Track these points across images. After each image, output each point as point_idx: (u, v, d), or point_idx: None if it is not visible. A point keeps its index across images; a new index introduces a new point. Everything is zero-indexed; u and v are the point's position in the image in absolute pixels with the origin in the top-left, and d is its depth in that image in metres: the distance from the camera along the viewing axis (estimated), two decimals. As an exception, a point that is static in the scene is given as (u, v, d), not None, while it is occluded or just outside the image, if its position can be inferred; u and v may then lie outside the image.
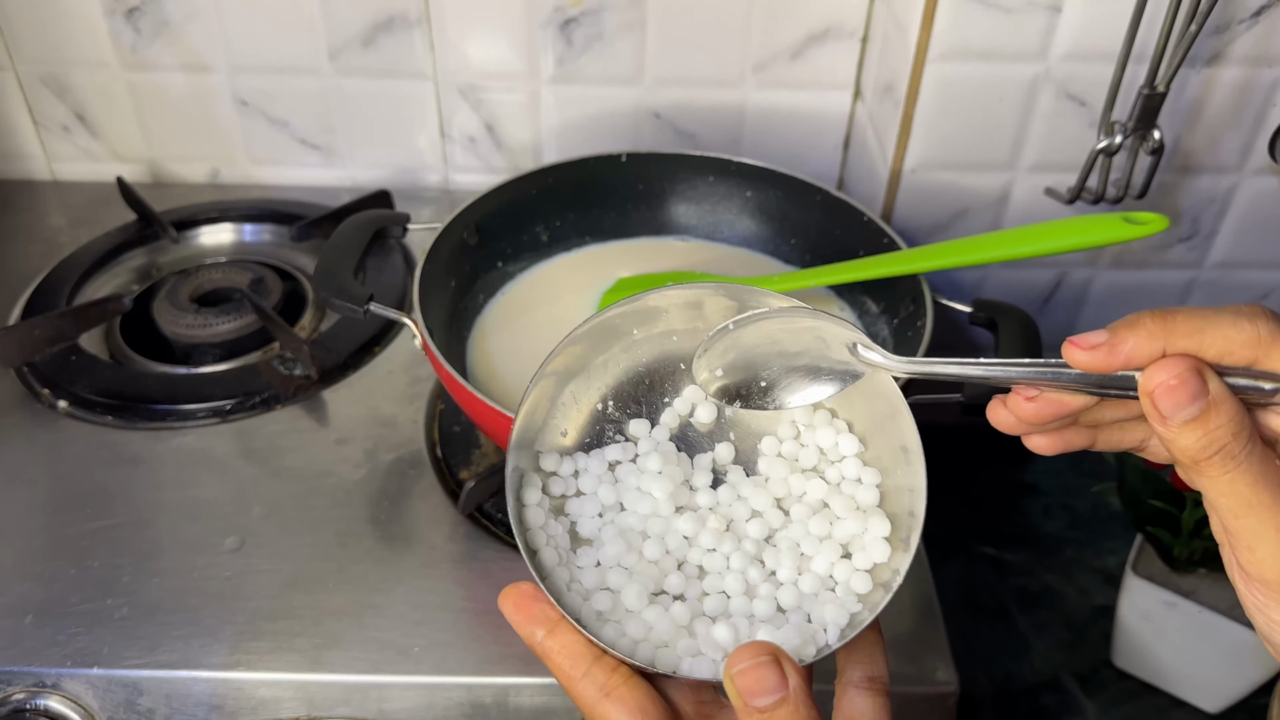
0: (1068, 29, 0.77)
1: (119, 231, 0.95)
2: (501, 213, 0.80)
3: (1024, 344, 0.64)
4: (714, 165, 0.85)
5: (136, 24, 0.94)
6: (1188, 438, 0.36)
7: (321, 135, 1.02)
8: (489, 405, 0.60)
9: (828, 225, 0.81)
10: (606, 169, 0.84)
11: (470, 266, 0.79)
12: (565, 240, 0.85)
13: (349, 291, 0.68)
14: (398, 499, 0.71)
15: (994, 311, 0.67)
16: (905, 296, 0.72)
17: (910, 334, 0.70)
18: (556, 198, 0.84)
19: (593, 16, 0.93)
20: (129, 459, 0.74)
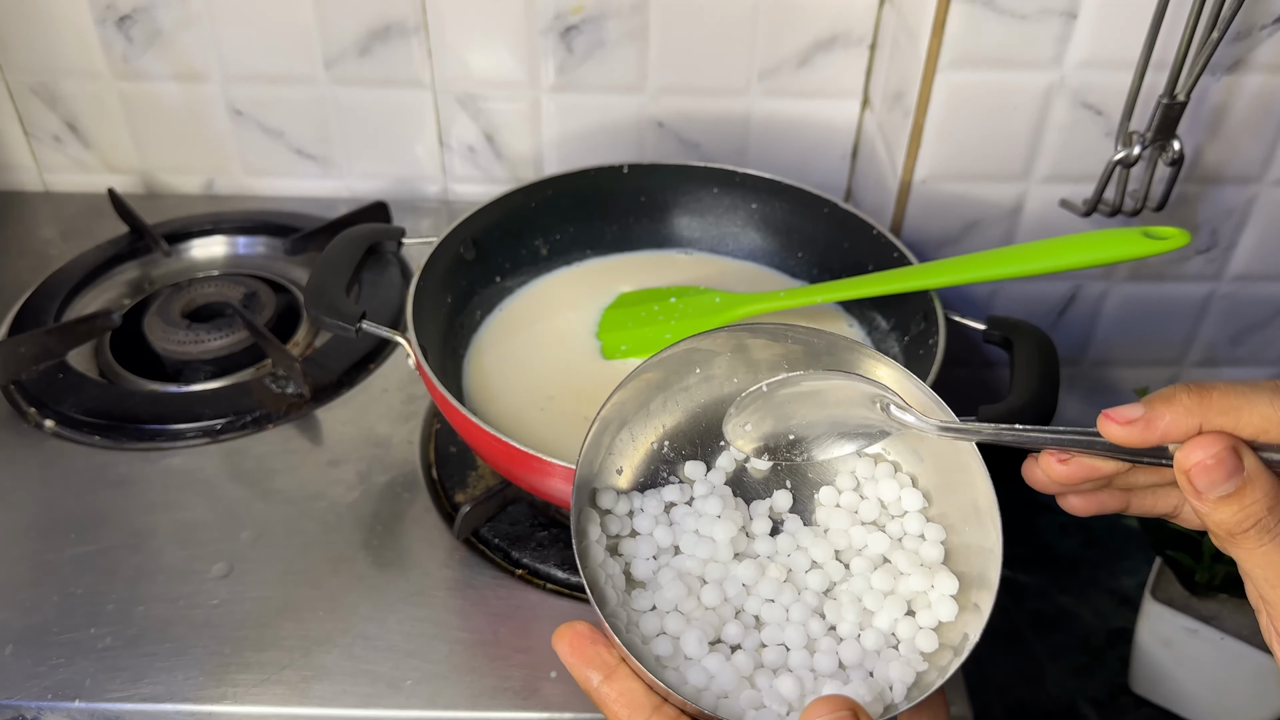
0: (1083, 36, 0.75)
1: (110, 244, 0.93)
2: (499, 226, 0.78)
3: (1041, 365, 0.61)
4: (718, 176, 0.82)
5: (128, 32, 0.92)
6: (1223, 513, 0.36)
7: (318, 145, 0.99)
8: (485, 430, 0.58)
9: (836, 238, 0.79)
10: (608, 180, 0.82)
11: (467, 282, 0.77)
12: (565, 254, 0.83)
13: (340, 309, 0.66)
14: (391, 523, 0.69)
15: (1009, 330, 0.64)
16: (916, 313, 0.70)
17: (922, 352, 0.67)
18: (556, 210, 0.81)
19: (594, 24, 0.91)
20: (116, 481, 0.72)
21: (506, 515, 0.69)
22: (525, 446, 0.56)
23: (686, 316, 0.74)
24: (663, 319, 0.75)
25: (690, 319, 0.74)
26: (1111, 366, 0.96)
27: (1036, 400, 0.58)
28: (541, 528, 0.68)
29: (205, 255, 0.95)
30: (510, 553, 0.67)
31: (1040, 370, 0.60)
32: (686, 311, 0.75)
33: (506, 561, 0.67)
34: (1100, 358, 0.95)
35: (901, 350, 0.72)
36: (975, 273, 0.66)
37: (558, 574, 0.66)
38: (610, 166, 0.81)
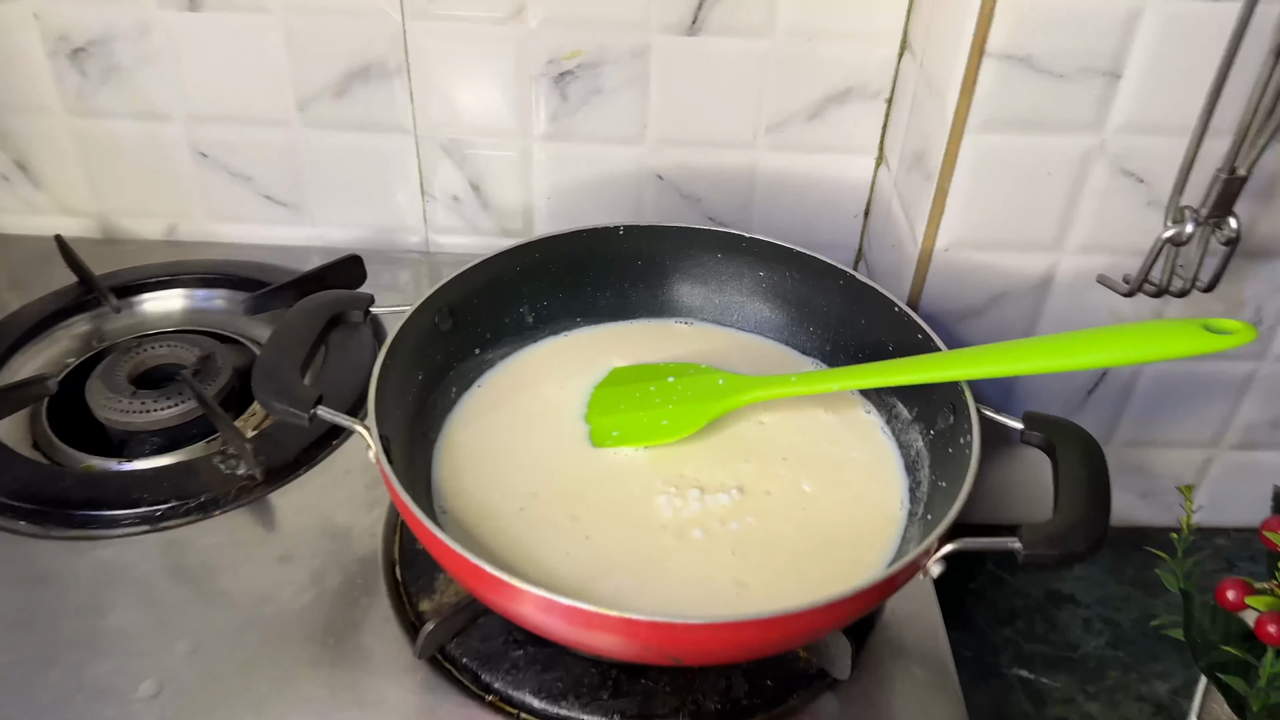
0: (1127, 98, 0.68)
1: (55, 296, 0.85)
2: (480, 293, 0.71)
3: (1088, 473, 0.53)
4: (723, 240, 0.75)
5: (82, 67, 0.85)
6: None
7: (289, 191, 0.92)
8: (450, 547, 0.50)
9: (851, 313, 0.72)
10: (602, 242, 0.75)
11: (442, 356, 0.69)
12: (554, 322, 0.75)
13: (291, 394, 0.59)
14: (345, 635, 0.61)
15: (1051, 431, 0.57)
16: (943, 404, 0.62)
17: (951, 450, 0.60)
18: (545, 275, 0.74)
19: (591, 70, 0.84)
20: (36, 576, 0.64)
21: (477, 629, 0.61)
22: (495, 570, 0.49)
23: (685, 401, 0.67)
24: (659, 402, 0.68)
25: (690, 403, 0.66)
26: (1142, 448, 0.89)
27: (1085, 521, 0.51)
28: (517, 645, 0.60)
29: (159, 310, 0.88)
30: (480, 675, 0.59)
31: (1089, 485, 0.53)
32: (685, 395, 0.67)
33: (476, 685, 0.59)
34: (1131, 438, 0.88)
35: (926, 445, 0.64)
36: (1013, 364, 0.59)
37: (534, 703, 0.58)
38: (605, 228, 0.74)
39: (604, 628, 0.48)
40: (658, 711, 0.58)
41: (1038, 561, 0.50)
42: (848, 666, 0.59)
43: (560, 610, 0.48)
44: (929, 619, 0.65)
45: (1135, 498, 0.93)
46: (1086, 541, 0.51)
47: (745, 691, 0.59)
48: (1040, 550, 0.50)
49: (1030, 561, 0.50)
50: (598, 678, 0.59)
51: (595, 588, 0.56)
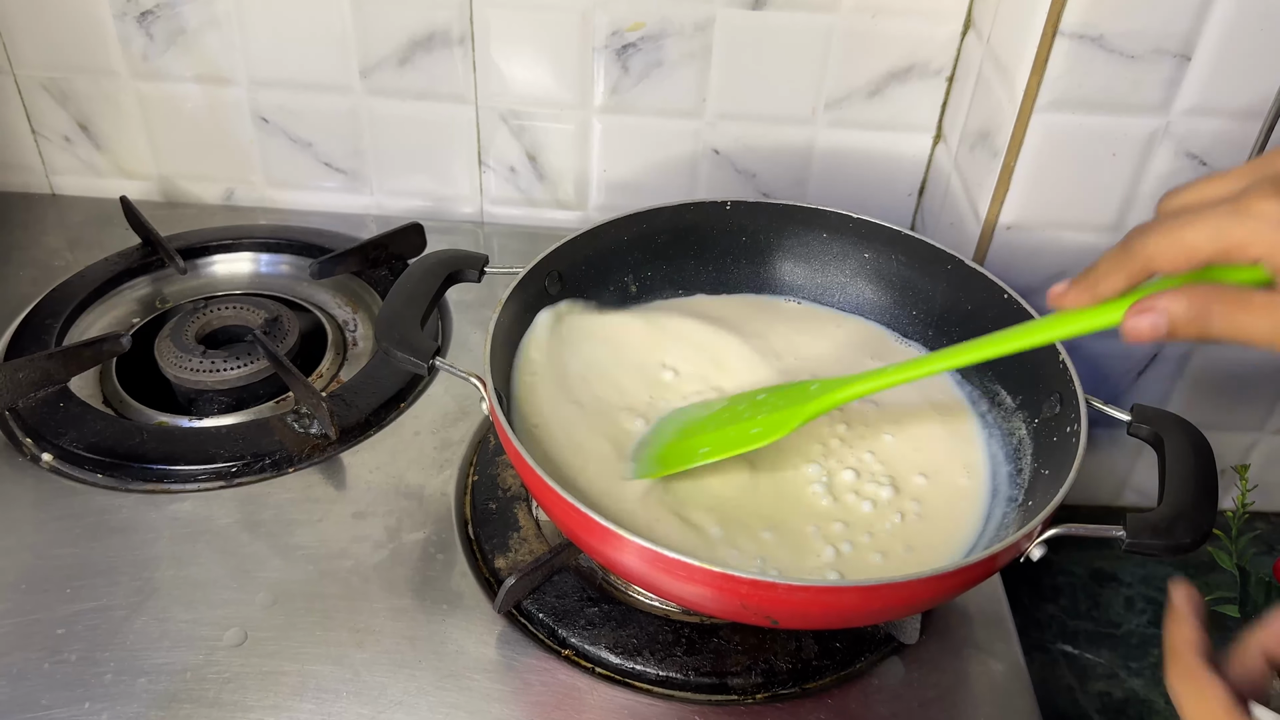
0: (1195, 81, 0.69)
1: (120, 257, 0.86)
2: (588, 260, 0.72)
3: (1195, 465, 0.54)
4: (829, 220, 0.75)
5: (149, 29, 0.86)
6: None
7: (348, 159, 0.93)
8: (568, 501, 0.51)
9: (957, 299, 0.71)
10: (708, 217, 0.75)
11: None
12: (655, 293, 0.76)
13: (413, 343, 0.61)
14: (423, 590, 0.62)
15: (1159, 424, 0.57)
16: (1049, 393, 0.62)
17: (1056, 439, 0.60)
18: (650, 245, 0.74)
19: (653, 42, 0.84)
20: (118, 527, 0.65)
21: (552, 586, 0.62)
22: (614, 526, 0.49)
23: (777, 409, 0.62)
24: (748, 417, 0.63)
25: (781, 410, 0.62)
26: (1189, 430, 0.89)
27: (1192, 512, 0.51)
28: (591, 602, 0.61)
29: (224, 273, 0.89)
30: (556, 630, 0.60)
31: (1197, 478, 0.53)
32: (777, 404, 0.63)
33: (552, 640, 0.60)
34: (1178, 421, 0.88)
35: (1030, 434, 0.64)
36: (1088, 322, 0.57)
37: (610, 658, 0.59)
38: (712, 202, 0.74)
39: (709, 583, 0.48)
40: (731, 669, 0.59)
41: (1142, 551, 0.50)
42: (916, 632, 0.60)
43: (669, 564, 0.49)
44: (992, 589, 0.66)
45: (1178, 480, 0.94)
46: (1192, 534, 0.51)
47: (815, 653, 0.60)
48: (1145, 539, 0.49)
49: (1134, 550, 0.50)
50: (671, 635, 0.60)
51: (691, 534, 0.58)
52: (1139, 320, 0.42)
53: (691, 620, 0.61)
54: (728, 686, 0.58)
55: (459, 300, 0.85)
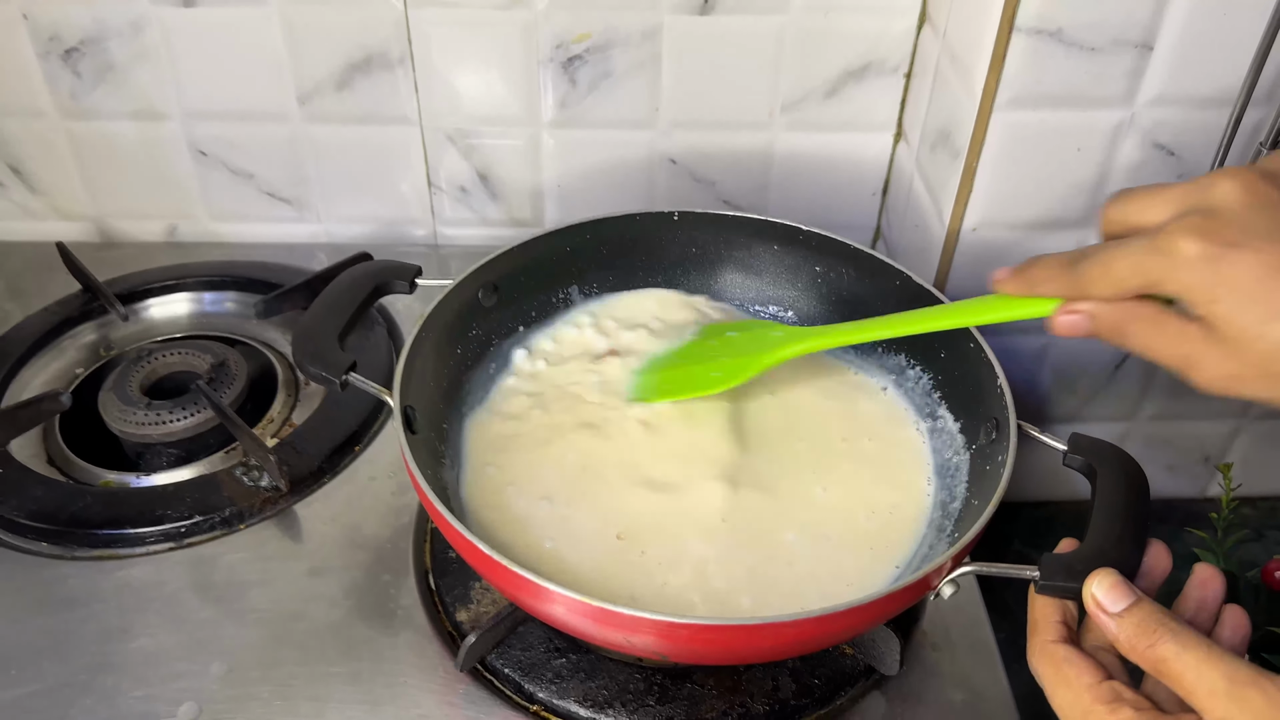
0: (1159, 70, 0.67)
1: (60, 306, 0.83)
2: (527, 271, 0.69)
3: (1127, 498, 0.51)
4: (779, 232, 0.72)
5: (75, 67, 0.82)
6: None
7: (292, 187, 0.90)
8: (480, 549, 0.49)
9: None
10: (655, 227, 0.72)
11: (482, 331, 0.68)
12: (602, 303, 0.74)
13: (326, 358, 0.58)
14: (383, 651, 0.60)
15: (1094, 455, 0.54)
16: (987, 418, 0.60)
17: (989, 468, 0.58)
18: (595, 256, 0.72)
19: (600, 53, 0.81)
20: (65, 598, 0.62)
21: (518, 638, 0.59)
22: (532, 575, 0.47)
23: (740, 353, 0.64)
24: (715, 356, 0.65)
25: (744, 355, 0.64)
26: (1169, 421, 0.88)
27: (1113, 553, 0.47)
28: (559, 653, 0.59)
29: (168, 315, 0.85)
30: (523, 685, 0.58)
31: (1125, 516, 0.50)
32: (742, 347, 0.65)
33: (519, 695, 0.58)
34: (1158, 412, 0.87)
35: (966, 460, 0.61)
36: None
37: (579, 712, 0.56)
38: (660, 213, 0.72)
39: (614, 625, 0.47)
40: (705, 715, 0.57)
41: (1056, 594, 0.47)
42: (896, 663, 0.58)
43: (574, 607, 0.47)
44: (973, 611, 0.64)
45: (1162, 471, 0.92)
46: (1118, 567, 0.46)
47: (793, 691, 0.58)
48: (1059, 581, 0.46)
49: (1046, 594, 0.47)
50: (643, 684, 0.58)
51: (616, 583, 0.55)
52: (1067, 318, 0.47)
53: (663, 667, 0.58)
54: (703, 734, 0.56)
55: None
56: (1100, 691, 0.43)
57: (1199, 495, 0.95)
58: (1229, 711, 0.39)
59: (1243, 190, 0.42)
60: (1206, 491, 0.94)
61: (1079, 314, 0.47)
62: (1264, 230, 0.41)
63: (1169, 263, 0.42)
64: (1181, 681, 0.41)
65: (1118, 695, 0.43)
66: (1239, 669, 0.40)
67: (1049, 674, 0.45)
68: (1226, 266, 0.41)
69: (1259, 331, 0.41)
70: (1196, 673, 0.41)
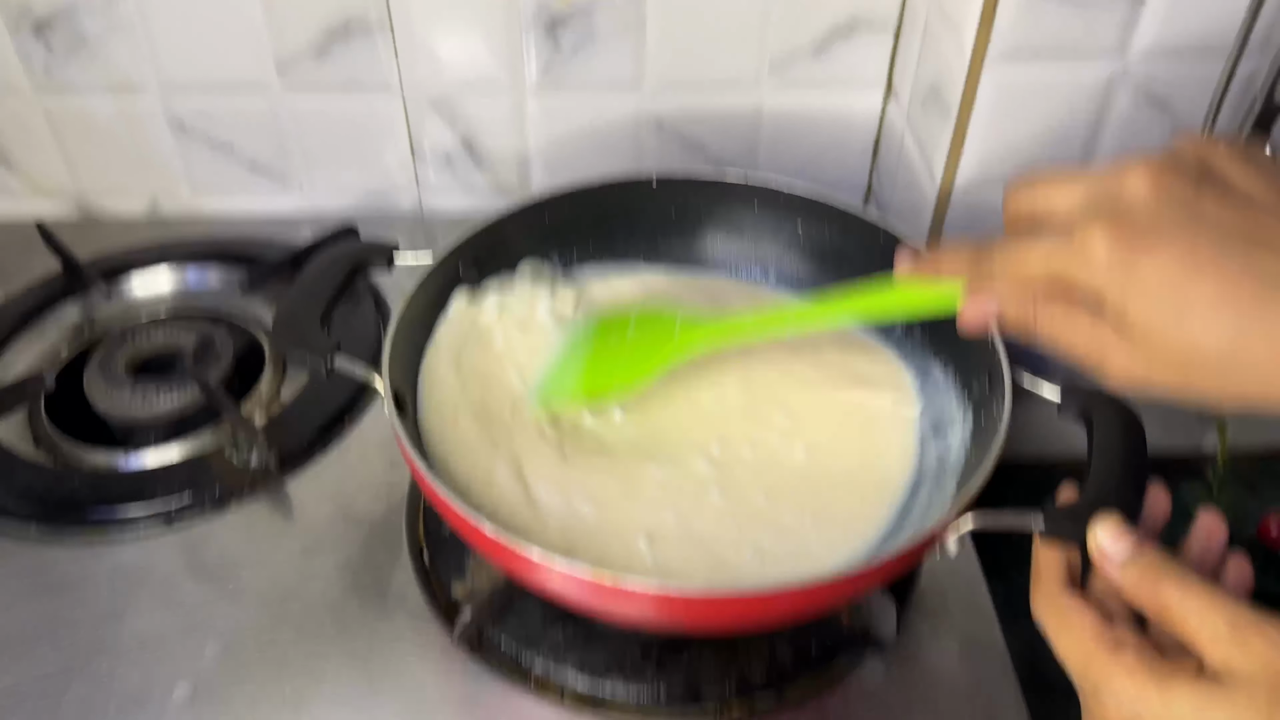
0: (1151, 21, 0.65)
1: (42, 285, 0.82)
2: (507, 244, 0.68)
3: (1123, 451, 0.51)
4: (759, 193, 0.71)
5: (48, 41, 0.80)
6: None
7: (274, 159, 0.88)
8: (464, 518, 0.48)
9: (888, 272, 0.67)
10: (634, 194, 0.71)
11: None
12: (582, 273, 0.73)
13: (311, 341, 0.57)
14: (379, 626, 0.59)
15: (1090, 403, 0.53)
16: (980, 368, 0.59)
17: (985, 422, 0.57)
18: (576, 226, 0.71)
19: (583, 16, 0.79)
20: (56, 583, 0.62)
21: (514, 610, 0.59)
22: (521, 543, 0.47)
23: (639, 351, 0.63)
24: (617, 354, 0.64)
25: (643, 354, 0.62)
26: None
27: (1114, 499, 0.47)
28: (555, 624, 0.59)
29: (151, 292, 0.84)
30: (520, 657, 0.58)
31: (1124, 461, 0.49)
32: (639, 345, 0.63)
33: (517, 667, 0.58)
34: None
35: (962, 410, 0.61)
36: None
37: (577, 683, 0.56)
38: (638, 180, 0.71)
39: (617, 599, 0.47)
40: (703, 683, 0.57)
41: (1058, 540, 0.47)
42: (894, 626, 0.58)
43: (576, 582, 0.47)
44: (970, 574, 0.64)
45: (1157, 426, 0.91)
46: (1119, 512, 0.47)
47: (790, 657, 0.58)
48: (1064, 530, 0.46)
49: (1051, 540, 0.47)
50: (640, 652, 0.58)
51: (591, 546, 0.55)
52: (977, 306, 0.47)
53: (661, 636, 0.58)
54: (701, 702, 0.56)
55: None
56: (1104, 638, 0.43)
57: (1193, 450, 0.94)
58: (1230, 655, 0.39)
59: (1151, 185, 0.41)
60: (1201, 446, 0.94)
61: (989, 299, 0.46)
62: (1172, 229, 0.40)
63: (1080, 259, 0.42)
64: (1185, 626, 0.41)
65: (1120, 641, 0.43)
66: (1241, 613, 0.40)
67: (1052, 622, 0.45)
68: (1136, 270, 0.41)
69: (1170, 333, 0.41)
70: (1200, 617, 0.41)
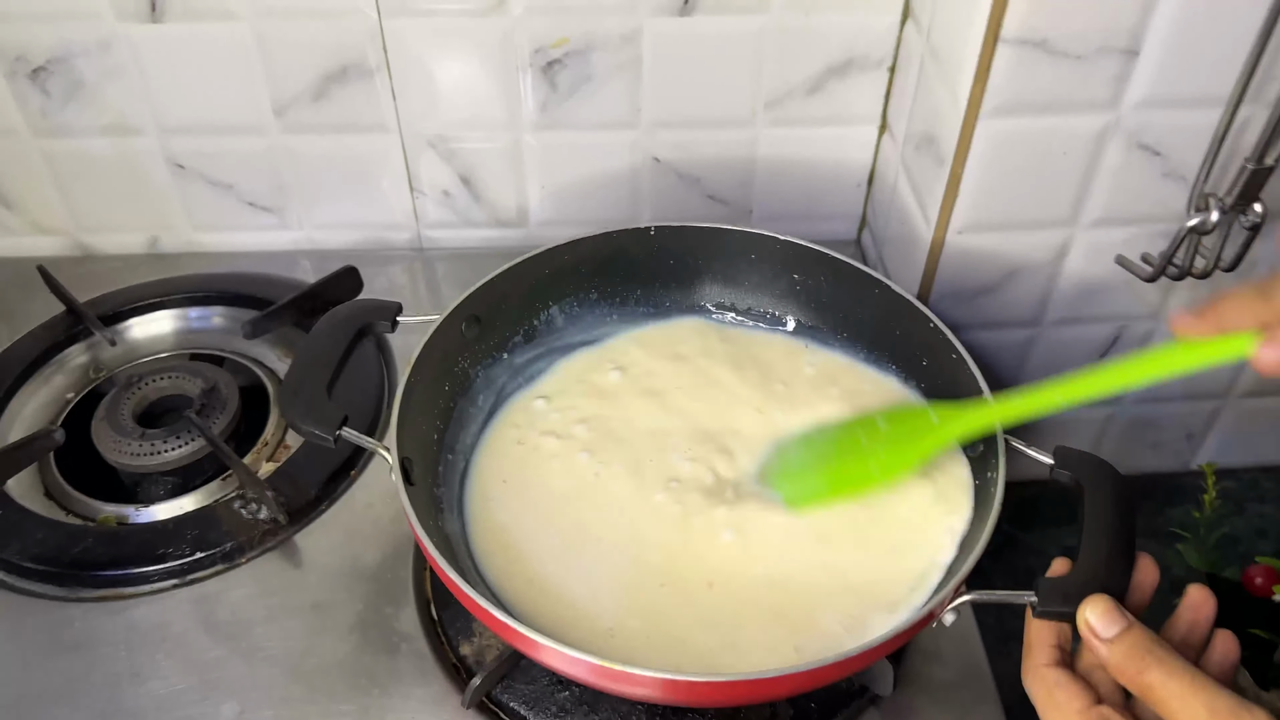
0: (1145, 75, 0.66)
1: (45, 330, 0.82)
2: (508, 298, 0.69)
3: (1116, 514, 0.52)
4: (755, 242, 0.72)
5: (44, 86, 0.81)
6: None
7: (272, 197, 0.89)
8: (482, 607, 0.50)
9: (884, 321, 0.69)
10: (632, 243, 0.72)
11: (467, 361, 0.68)
12: (582, 322, 0.74)
13: (316, 414, 0.58)
14: (389, 685, 0.61)
15: (1081, 469, 0.55)
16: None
17: (979, 484, 0.59)
18: (574, 276, 0.72)
19: (579, 56, 0.80)
20: (73, 643, 0.63)
21: (521, 672, 0.61)
22: (530, 631, 0.48)
23: (896, 441, 0.61)
24: (867, 448, 0.62)
25: (901, 443, 0.61)
26: (1154, 403, 0.89)
27: (1107, 570, 0.49)
28: (562, 686, 0.60)
29: (154, 333, 0.85)
30: (528, 718, 0.59)
31: (1113, 534, 0.51)
32: (895, 436, 0.62)
33: (524, 727, 0.60)
34: (1143, 395, 0.88)
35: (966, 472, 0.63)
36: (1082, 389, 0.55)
37: (584, 743, 0.58)
38: (636, 228, 0.72)
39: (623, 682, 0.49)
40: (706, 743, 0.59)
41: (1051, 619, 0.49)
42: (890, 683, 0.60)
43: (585, 667, 0.48)
44: (964, 627, 0.65)
45: (1146, 449, 0.94)
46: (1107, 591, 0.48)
47: (790, 716, 0.60)
48: (1056, 607, 0.48)
49: (1044, 619, 0.49)
50: (645, 715, 0.59)
51: (623, 630, 0.56)
52: (1273, 351, 0.43)
53: (664, 695, 0.60)
54: (705, 761, 0.58)
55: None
56: (1088, 716, 0.45)
57: (1182, 469, 0.96)
58: None
59: None
60: (1190, 465, 0.96)
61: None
62: None
63: None
64: (1166, 708, 0.43)
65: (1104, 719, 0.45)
66: (1220, 699, 0.42)
67: (1041, 696, 0.47)
68: None
69: None
70: (1180, 700, 0.42)
